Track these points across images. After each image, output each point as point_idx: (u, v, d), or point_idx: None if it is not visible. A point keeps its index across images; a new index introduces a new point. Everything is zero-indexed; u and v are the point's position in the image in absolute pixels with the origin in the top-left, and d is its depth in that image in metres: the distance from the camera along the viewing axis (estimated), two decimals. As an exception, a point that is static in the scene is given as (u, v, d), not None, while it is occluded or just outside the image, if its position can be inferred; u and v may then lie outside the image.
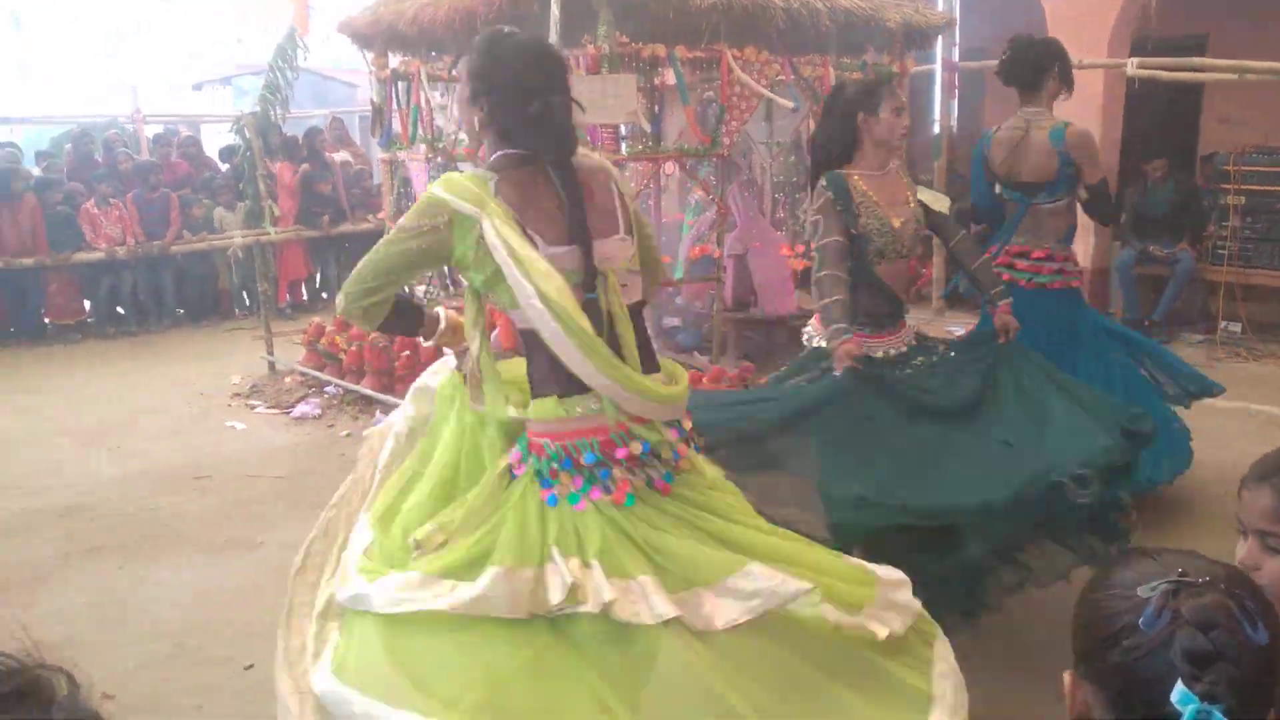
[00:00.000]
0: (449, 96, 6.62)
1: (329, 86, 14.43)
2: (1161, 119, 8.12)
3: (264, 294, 7.26)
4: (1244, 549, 1.50)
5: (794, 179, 8.07)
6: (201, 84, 15.38)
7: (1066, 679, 1.14)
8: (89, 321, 8.81)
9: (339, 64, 13.04)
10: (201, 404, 6.43)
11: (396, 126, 6.57)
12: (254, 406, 6.31)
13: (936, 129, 8.35)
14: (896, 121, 3.15)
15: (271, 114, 8.28)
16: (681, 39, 5.52)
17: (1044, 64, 3.95)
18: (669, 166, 7.15)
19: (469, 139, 5.34)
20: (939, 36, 6.99)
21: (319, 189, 9.56)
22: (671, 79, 6.01)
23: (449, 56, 6.34)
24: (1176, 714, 0.97)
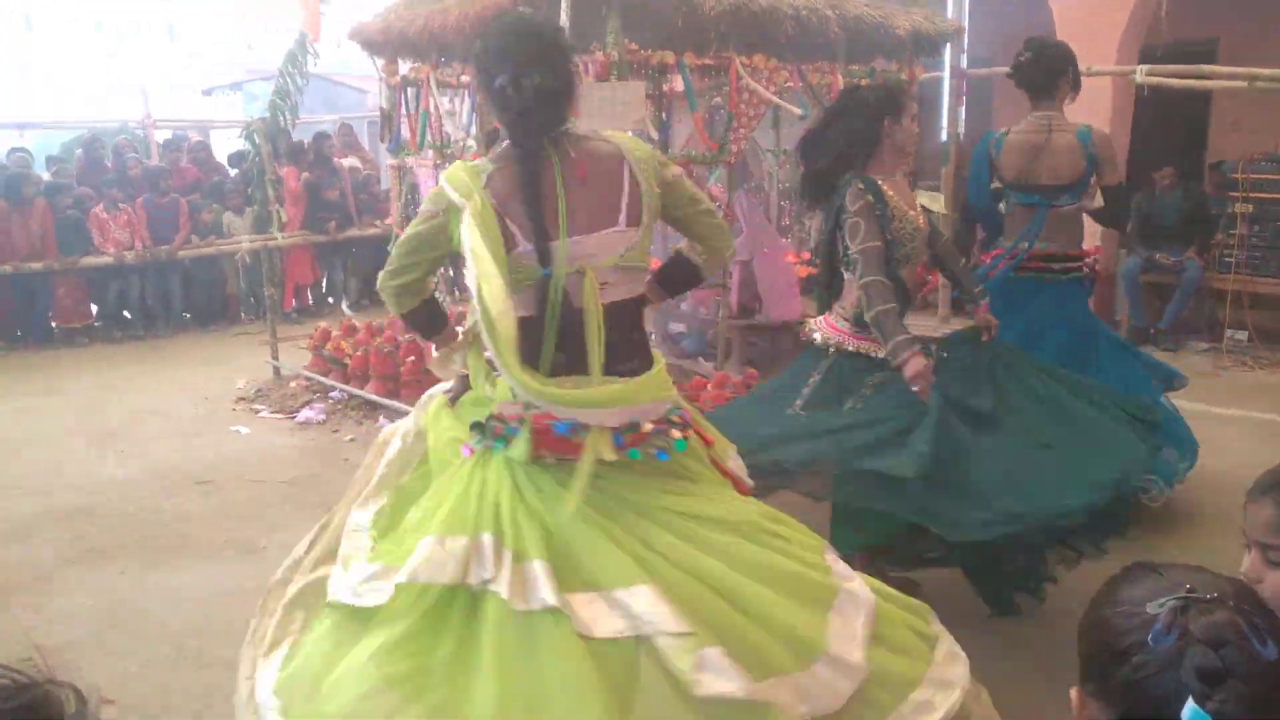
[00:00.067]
0: (458, 102, 6.63)
1: (339, 92, 14.48)
2: (1170, 126, 8.11)
3: (270, 299, 7.27)
4: (1248, 562, 1.50)
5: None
6: (212, 89, 15.46)
7: (1074, 695, 1.13)
8: (96, 325, 8.81)
9: (349, 68, 13.08)
10: (207, 408, 6.43)
11: (405, 132, 6.58)
12: (259, 411, 6.31)
13: (944, 136, 8.34)
14: (914, 129, 3.19)
15: (281, 119, 8.29)
16: (690, 46, 5.51)
17: (1062, 66, 3.97)
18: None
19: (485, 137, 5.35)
20: (947, 44, 6.98)
21: (326, 194, 9.57)
22: (680, 86, 6.00)
23: (458, 63, 6.34)
24: None
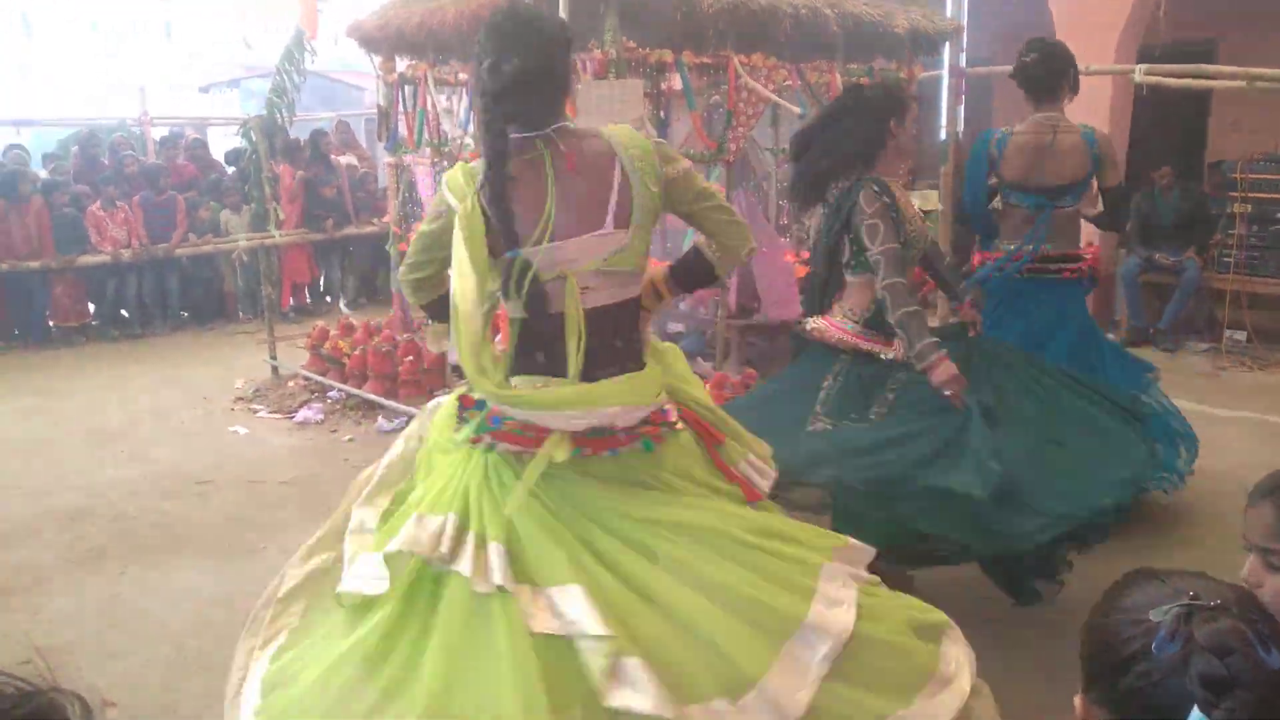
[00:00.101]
0: (455, 100, 6.61)
1: (336, 89, 14.45)
2: (1169, 126, 8.11)
3: (268, 298, 7.26)
4: (1248, 566, 1.50)
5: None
6: (209, 86, 15.42)
7: (1077, 703, 1.13)
8: (94, 324, 8.79)
9: (346, 65, 13.06)
10: (205, 408, 6.43)
11: (402, 130, 6.56)
12: (257, 411, 6.30)
13: (944, 134, 8.33)
14: (913, 131, 3.20)
15: (278, 117, 8.27)
16: (688, 44, 5.50)
17: (1064, 67, 3.98)
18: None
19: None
20: (946, 43, 6.97)
21: (324, 192, 9.55)
22: (678, 84, 6.00)
23: (455, 61, 6.33)
24: None
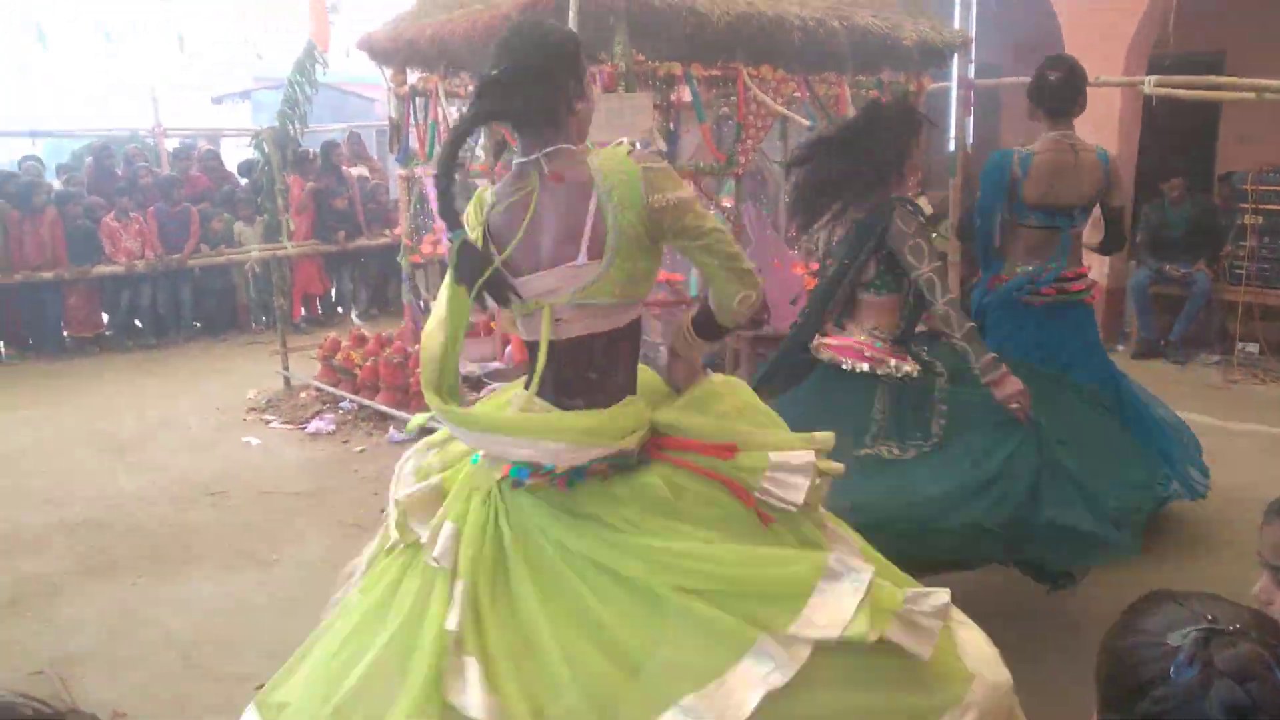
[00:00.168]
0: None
1: (347, 100, 14.51)
2: (1179, 137, 8.09)
3: (280, 309, 7.29)
4: (1260, 583, 1.49)
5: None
6: (221, 98, 15.50)
7: (1093, 726, 1.12)
8: (107, 335, 8.86)
9: (357, 77, 13.11)
10: (217, 418, 6.46)
11: (414, 143, 6.60)
12: (269, 421, 6.33)
13: (952, 146, 8.33)
14: (924, 146, 3.22)
15: (290, 129, 8.32)
16: (698, 57, 5.52)
17: (1084, 85, 3.91)
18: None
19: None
20: (955, 54, 6.98)
21: (335, 204, 9.61)
22: (687, 97, 6.01)
23: (466, 73, 6.37)
24: None
